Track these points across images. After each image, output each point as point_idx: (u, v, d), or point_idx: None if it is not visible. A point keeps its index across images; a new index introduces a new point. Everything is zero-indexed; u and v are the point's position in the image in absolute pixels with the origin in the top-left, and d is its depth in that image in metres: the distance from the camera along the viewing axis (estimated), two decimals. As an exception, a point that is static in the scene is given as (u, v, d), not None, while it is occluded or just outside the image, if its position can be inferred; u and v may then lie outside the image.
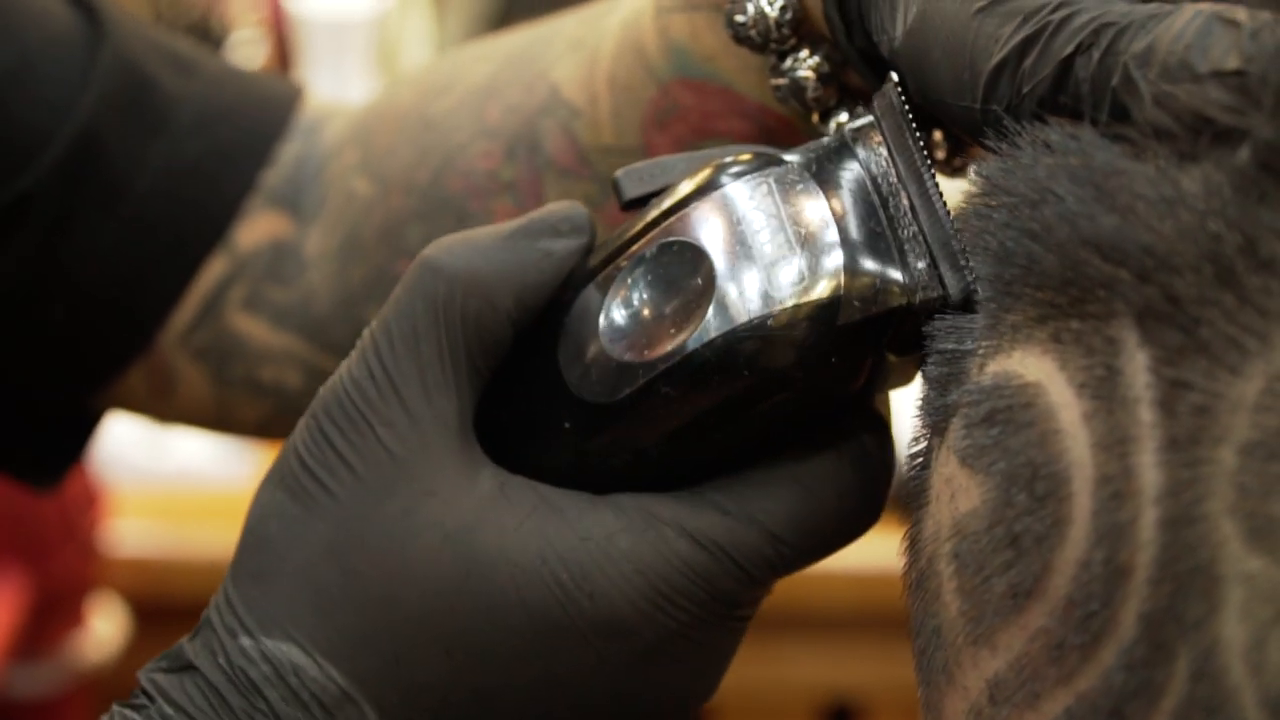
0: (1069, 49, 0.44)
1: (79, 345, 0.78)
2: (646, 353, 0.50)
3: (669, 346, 0.50)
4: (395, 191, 0.72)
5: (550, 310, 0.53)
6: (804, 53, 0.57)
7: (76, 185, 0.76)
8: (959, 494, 0.44)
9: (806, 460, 0.52)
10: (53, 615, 1.63)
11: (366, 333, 0.53)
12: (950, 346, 0.46)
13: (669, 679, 0.52)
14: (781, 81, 0.57)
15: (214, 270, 0.76)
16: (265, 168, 0.77)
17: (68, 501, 1.64)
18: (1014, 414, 0.42)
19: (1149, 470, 0.39)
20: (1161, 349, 0.39)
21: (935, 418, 0.46)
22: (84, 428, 0.82)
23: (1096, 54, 0.44)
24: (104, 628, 1.70)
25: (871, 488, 0.53)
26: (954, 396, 0.45)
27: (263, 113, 0.79)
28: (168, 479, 1.84)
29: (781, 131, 0.61)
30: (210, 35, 2.04)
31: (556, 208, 0.54)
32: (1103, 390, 0.40)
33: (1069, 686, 0.40)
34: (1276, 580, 0.36)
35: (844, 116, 0.58)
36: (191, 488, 1.83)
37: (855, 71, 0.56)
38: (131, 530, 1.77)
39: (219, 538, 1.79)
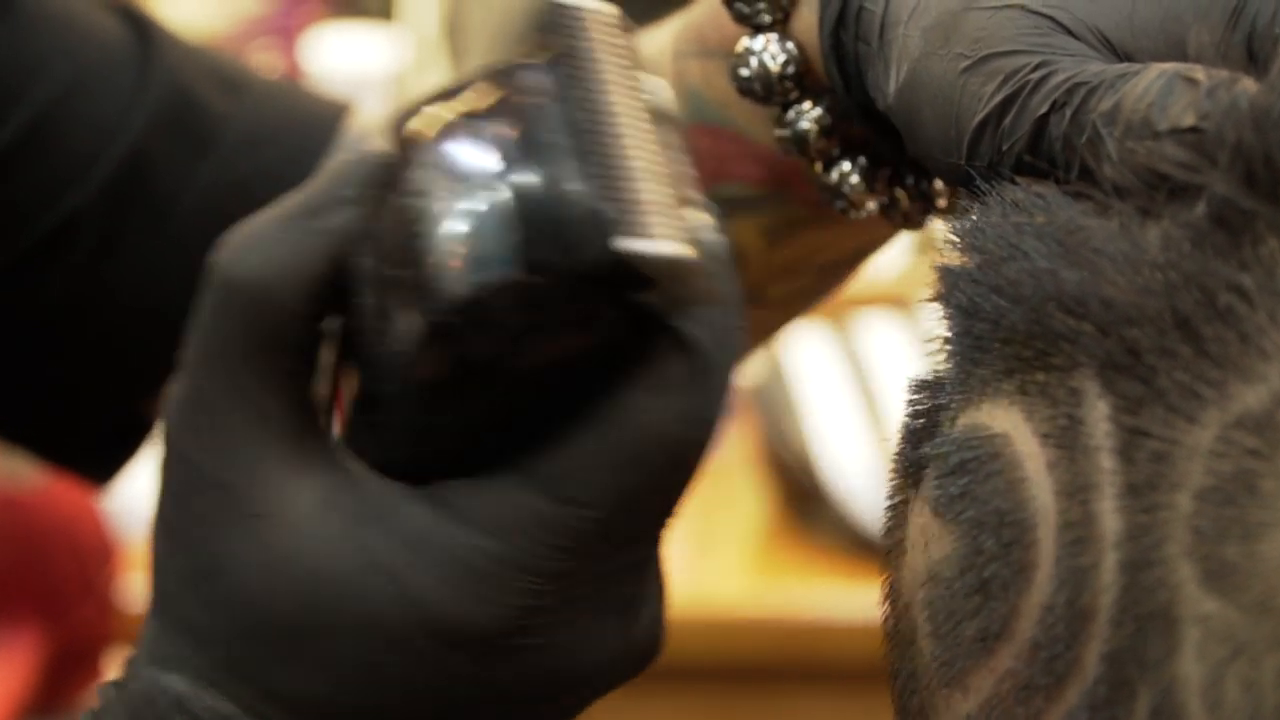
0: (1044, 108, 0.45)
1: (126, 358, 0.80)
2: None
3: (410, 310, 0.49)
4: None
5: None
6: (806, 105, 0.58)
7: (124, 205, 0.77)
8: (932, 542, 0.45)
9: (598, 409, 0.50)
10: (70, 670, 1.63)
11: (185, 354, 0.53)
12: (924, 404, 0.48)
13: (536, 664, 0.50)
14: (785, 133, 0.58)
15: None
16: None
17: (85, 556, 1.64)
18: (982, 464, 0.43)
19: (1109, 516, 0.40)
20: (1121, 399, 0.40)
21: (910, 469, 0.47)
22: (141, 423, 0.84)
23: (1069, 112, 0.45)
24: (121, 683, 1.70)
25: (688, 412, 0.50)
26: (927, 448, 0.46)
27: (310, 130, 0.80)
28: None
29: (791, 175, 0.62)
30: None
31: (337, 168, 0.53)
32: (1066, 439, 0.41)
33: None
34: (1231, 621, 0.37)
35: (846, 166, 0.58)
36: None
37: (856, 123, 0.57)
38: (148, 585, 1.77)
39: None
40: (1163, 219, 0.41)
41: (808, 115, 0.58)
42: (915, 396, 0.48)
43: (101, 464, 0.86)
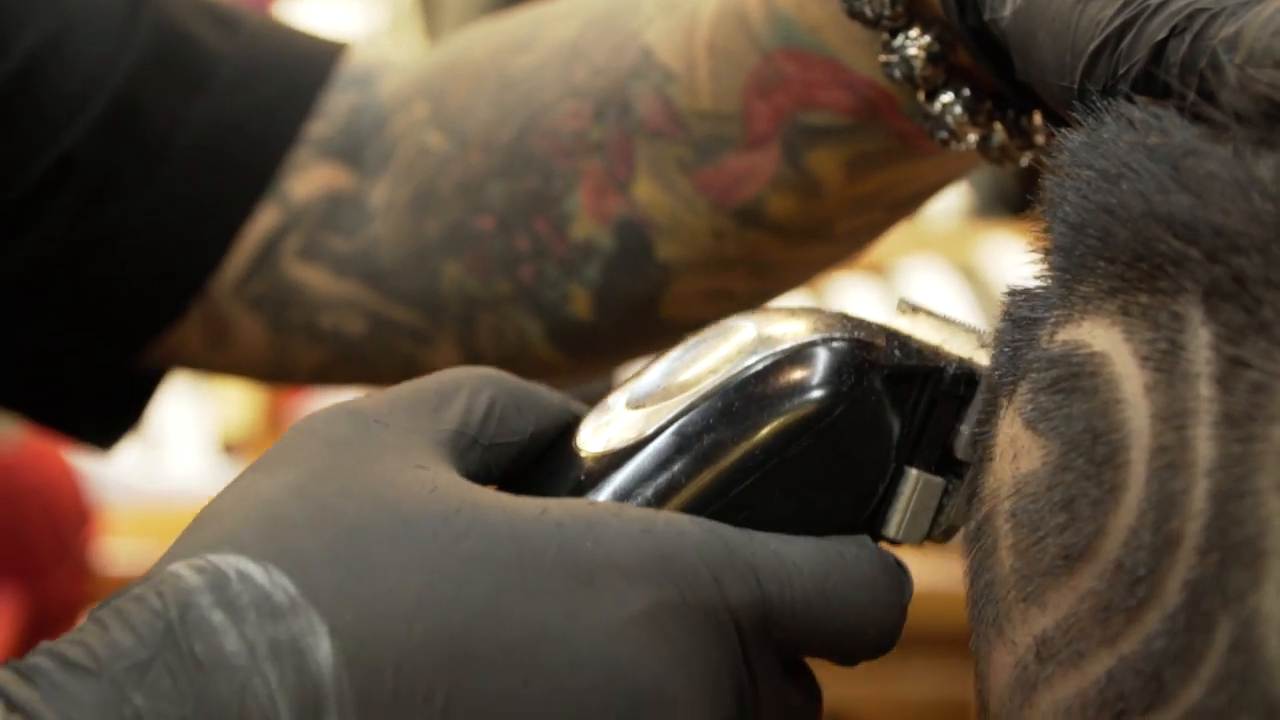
0: (1163, 33, 0.45)
1: (121, 305, 0.79)
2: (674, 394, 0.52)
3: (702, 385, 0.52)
4: (474, 148, 0.73)
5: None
6: (915, 31, 0.58)
7: (117, 145, 0.76)
8: (1021, 455, 0.45)
9: (831, 537, 0.52)
10: (47, 634, 1.63)
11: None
12: (1024, 313, 0.48)
13: (652, 664, 0.48)
14: (891, 58, 0.58)
15: (265, 221, 0.77)
16: (310, 120, 0.78)
17: (61, 520, 1.64)
18: (1079, 381, 0.44)
19: (1203, 443, 0.40)
20: (1224, 327, 0.40)
21: (1004, 379, 0.48)
22: (143, 386, 0.83)
23: (1188, 38, 0.45)
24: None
25: (887, 588, 0.52)
26: (1024, 361, 0.46)
27: (305, 66, 0.79)
28: (161, 497, 1.84)
29: (883, 105, 0.62)
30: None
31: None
32: (1165, 364, 0.41)
33: (1113, 648, 0.41)
34: None
35: (949, 96, 0.59)
36: (186, 506, 1.83)
37: (964, 51, 0.57)
38: (125, 549, 1.78)
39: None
40: (1277, 149, 0.41)
41: (916, 41, 0.58)
42: (1015, 305, 0.48)
43: (101, 430, 0.85)
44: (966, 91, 0.59)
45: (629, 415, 0.52)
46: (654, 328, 0.72)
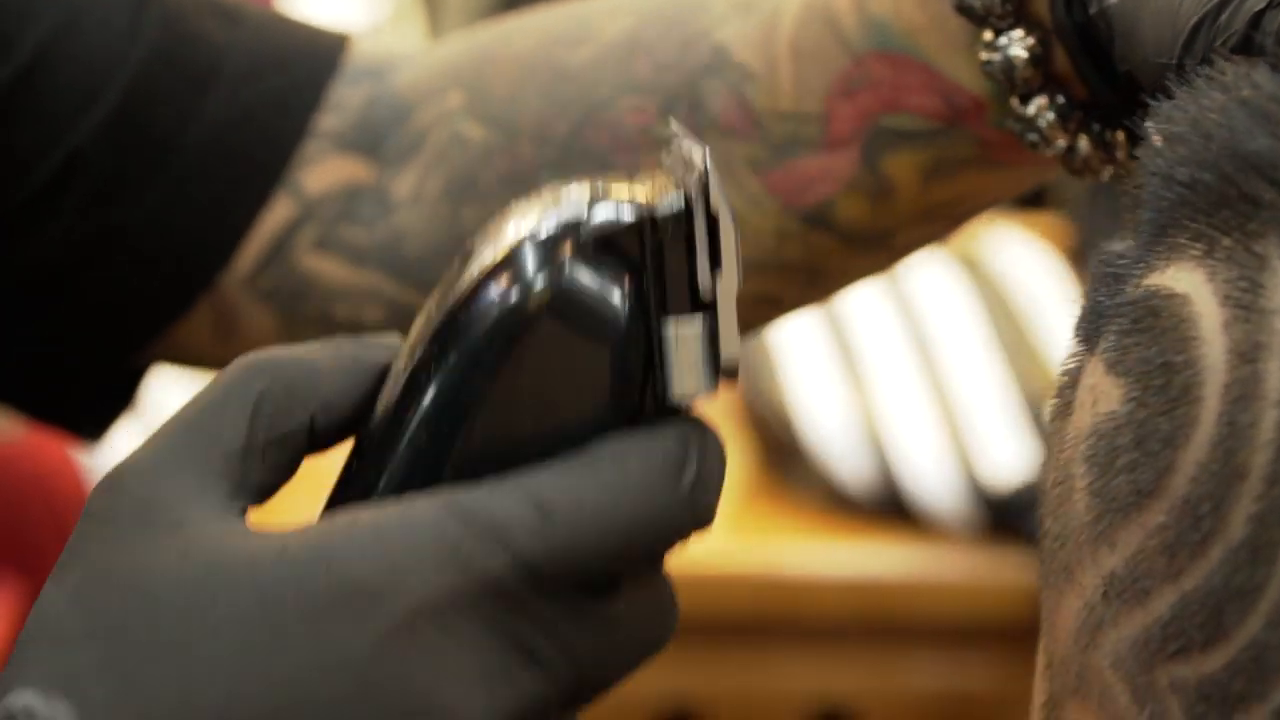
0: (1262, 3, 0.47)
1: (127, 302, 0.79)
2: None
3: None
4: (524, 140, 0.73)
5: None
6: (1019, 31, 0.59)
7: (125, 144, 0.76)
8: (1100, 399, 0.46)
9: (595, 442, 0.50)
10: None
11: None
12: (1111, 270, 0.48)
13: (428, 678, 0.47)
14: (993, 57, 0.59)
15: (279, 214, 0.77)
16: (319, 113, 0.78)
17: (60, 511, 1.64)
18: (1159, 321, 0.44)
19: (1275, 376, 0.40)
20: None
21: (1089, 331, 0.48)
22: (131, 377, 0.83)
23: None
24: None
25: (661, 473, 0.50)
26: (1107, 310, 0.47)
27: (311, 59, 0.79)
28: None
29: (971, 111, 0.63)
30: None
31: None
32: (1244, 301, 0.42)
33: (1176, 584, 0.42)
34: None
35: (1044, 100, 0.60)
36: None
37: (1062, 55, 0.59)
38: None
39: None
40: None
41: (1020, 42, 0.59)
42: (1102, 265, 0.49)
43: (92, 421, 0.85)
44: (1060, 99, 0.60)
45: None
46: None
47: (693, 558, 1.82)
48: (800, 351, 1.88)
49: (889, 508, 1.74)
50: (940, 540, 1.68)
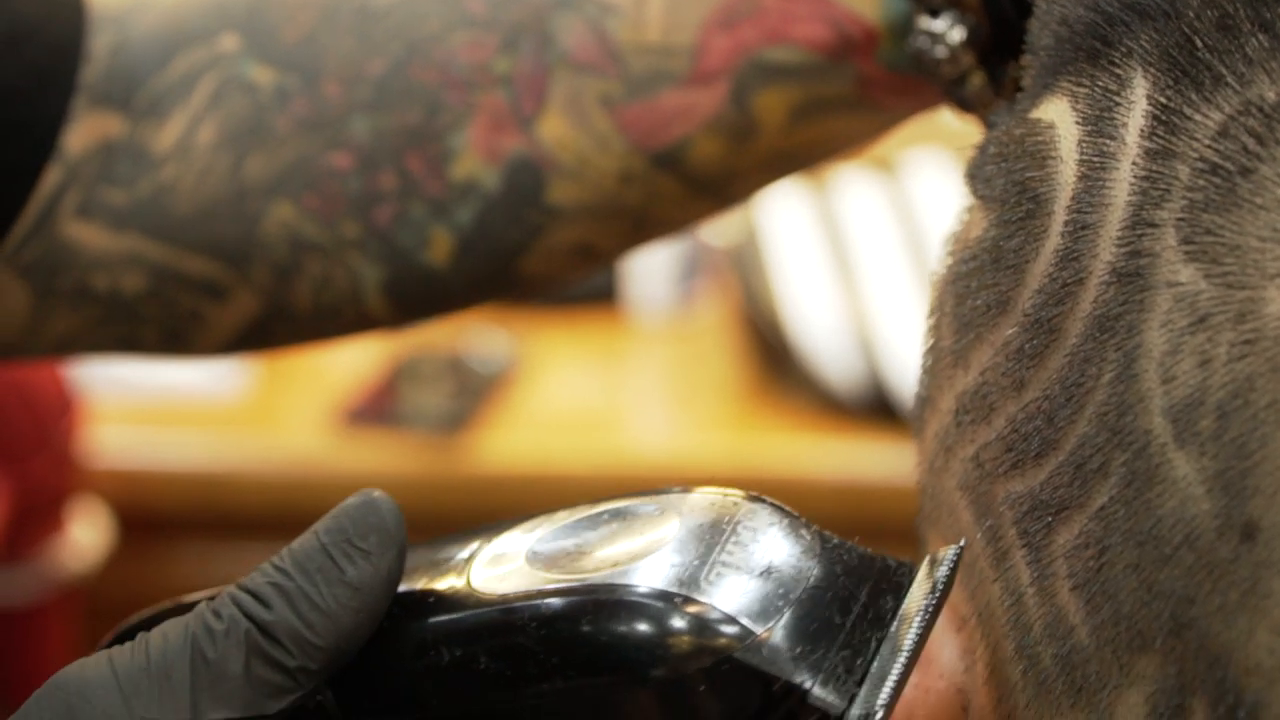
0: None
1: None
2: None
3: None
4: (329, 81, 0.69)
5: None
6: None
7: None
8: (969, 226, 0.46)
9: None
10: (30, 522, 1.62)
11: (153, 634, 0.46)
12: (999, 118, 0.49)
13: None
14: None
15: (47, 182, 0.71)
16: (82, 66, 0.71)
17: (40, 407, 1.63)
18: (1024, 147, 0.44)
19: (1119, 184, 0.41)
20: (1157, 83, 0.41)
21: (974, 175, 0.48)
22: None
23: None
24: (85, 536, 1.70)
25: None
26: (988, 149, 0.47)
27: (64, 16, 0.72)
28: (151, 387, 1.83)
29: (861, 43, 0.61)
30: None
31: (355, 511, 0.46)
32: (1100, 119, 0.42)
33: (1018, 396, 0.42)
34: (1200, 291, 0.37)
35: (950, 21, 0.59)
36: (174, 396, 1.82)
37: None
38: (114, 439, 1.76)
39: (200, 447, 1.78)
40: None
41: None
42: (996, 116, 0.49)
43: None
44: (971, 21, 0.59)
45: (527, 570, 0.46)
46: (507, 284, 0.70)
47: (686, 458, 1.83)
48: (794, 255, 1.87)
49: (879, 410, 1.74)
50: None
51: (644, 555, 0.45)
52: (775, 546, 0.45)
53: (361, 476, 1.68)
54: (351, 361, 1.91)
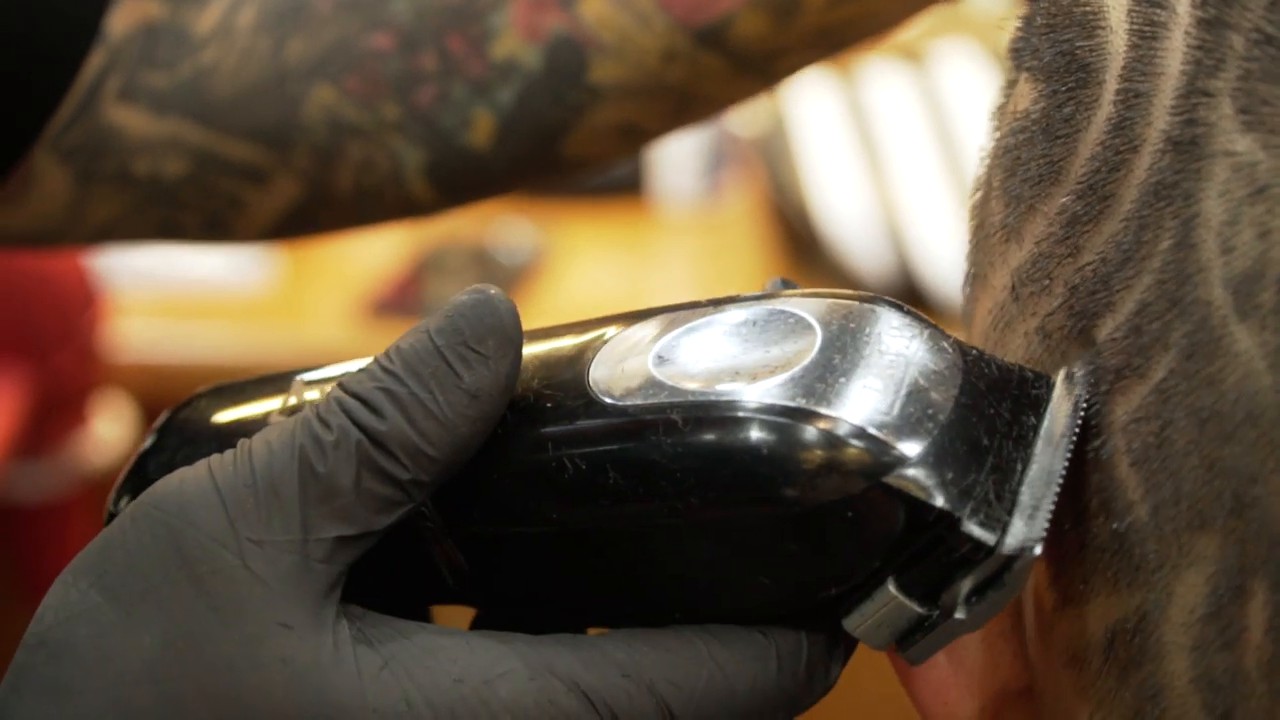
0: None
1: None
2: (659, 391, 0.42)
3: (687, 386, 0.42)
4: None
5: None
6: None
7: None
8: (1017, 99, 0.45)
9: (730, 641, 0.43)
10: (54, 415, 1.62)
11: (255, 442, 0.43)
12: None
13: None
14: None
15: (90, 66, 0.69)
16: None
17: (64, 301, 1.62)
18: (1072, 18, 0.43)
19: (1172, 53, 0.39)
20: None
21: (1020, 52, 0.47)
22: None
23: None
24: (109, 430, 1.69)
25: (791, 698, 0.44)
26: (1035, 22, 0.46)
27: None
28: (176, 281, 1.82)
29: None
30: None
31: (471, 311, 0.44)
32: None
33: (1076, 262, 0.41)
34: (1258, 161, 0.37)
35: None
36: (199, 290, 1.82)
37: None
38: (139, 332, 1.76)
39: (225, 340, 1.77)
40: None
41: None
42: None
43: None
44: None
45: (655, 377, 0.43)
46: (549, 164, 0.69)
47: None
48: (822, 145, 1.86)
49: (907, 298, 1.72)
50: (957, 329, 1.66)
51: (786, 368, 0.41)
52: (920, 361, 0.42)
53: (386, 369, 1.67)
54: (376, 253, 1.90)
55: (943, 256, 1.70)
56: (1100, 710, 0.41)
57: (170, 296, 1.81)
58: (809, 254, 1.81)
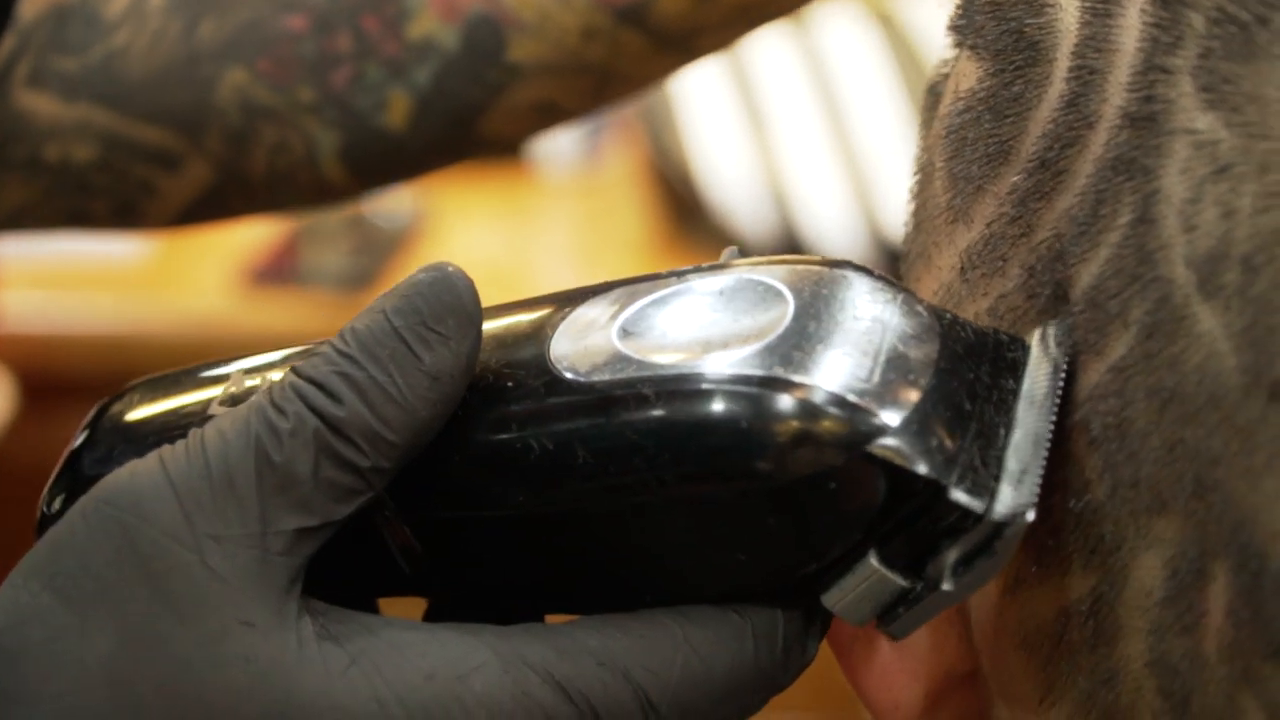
0: None
1: None
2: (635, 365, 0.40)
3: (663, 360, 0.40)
4: None
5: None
6: None
7: None
8: (961, 81, 0.44)
9: (704, 622, 0.42)
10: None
11: (208, 432, 0.42)
12: None
13: None
14: None
15: (0, 51, 0.68)
16: None
17: None
18: None
19: (1128, 30, 0.39)
20: None
21: (960, 28, 0.46)
22: None
23: None
24: (-15, 401, 1.67)
25: (769, 678, 0.43)
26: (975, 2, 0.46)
27: None
28: (53, 251, 1.79)
29: None
30: None
31: (428, 290, 0.42)
32: None
33: (1028, 241, 0.40)
34: (1220, 139, 0.36)
35: None
36: (77, 260, 1.79)
37: None
38: (17, 303, 1.73)
39: (103, 310, 1.75)
40: None
41: None
42: None
43: None
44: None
45: (621, 352, 0.41)
46: (467, 145, 0.68)
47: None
48: (704, 106, 1.86)
49: (790, 265, 1.73)
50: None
51: (759, 337, 0.40)
52: (897, 326, 0.40)
53: (266, 336, 1.66)
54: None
55: (825, 219, 1.70)
56: (1052, 694, 0.40)
57: (48, 267, 1.79)
58: (691, 217, 1.81)
